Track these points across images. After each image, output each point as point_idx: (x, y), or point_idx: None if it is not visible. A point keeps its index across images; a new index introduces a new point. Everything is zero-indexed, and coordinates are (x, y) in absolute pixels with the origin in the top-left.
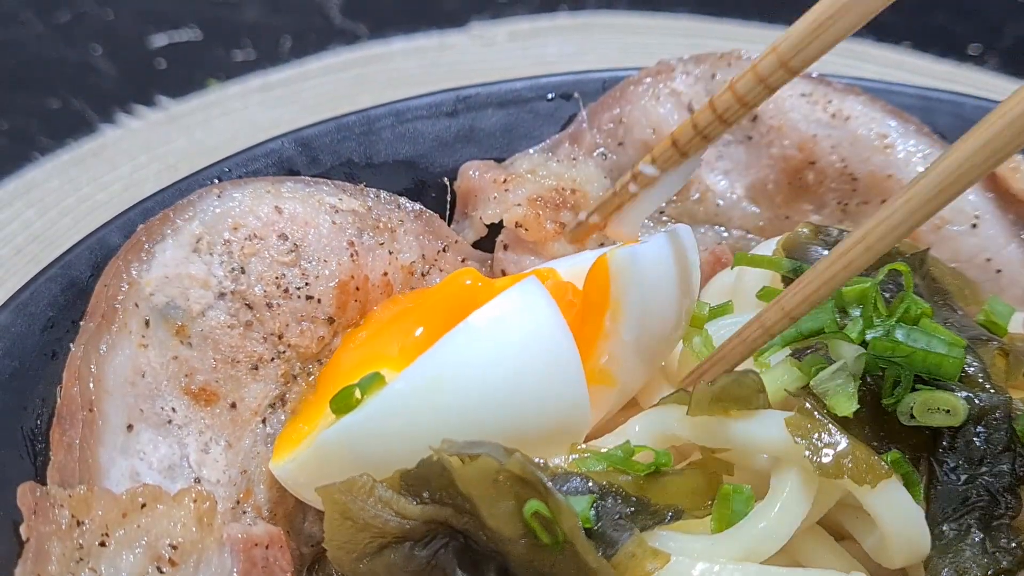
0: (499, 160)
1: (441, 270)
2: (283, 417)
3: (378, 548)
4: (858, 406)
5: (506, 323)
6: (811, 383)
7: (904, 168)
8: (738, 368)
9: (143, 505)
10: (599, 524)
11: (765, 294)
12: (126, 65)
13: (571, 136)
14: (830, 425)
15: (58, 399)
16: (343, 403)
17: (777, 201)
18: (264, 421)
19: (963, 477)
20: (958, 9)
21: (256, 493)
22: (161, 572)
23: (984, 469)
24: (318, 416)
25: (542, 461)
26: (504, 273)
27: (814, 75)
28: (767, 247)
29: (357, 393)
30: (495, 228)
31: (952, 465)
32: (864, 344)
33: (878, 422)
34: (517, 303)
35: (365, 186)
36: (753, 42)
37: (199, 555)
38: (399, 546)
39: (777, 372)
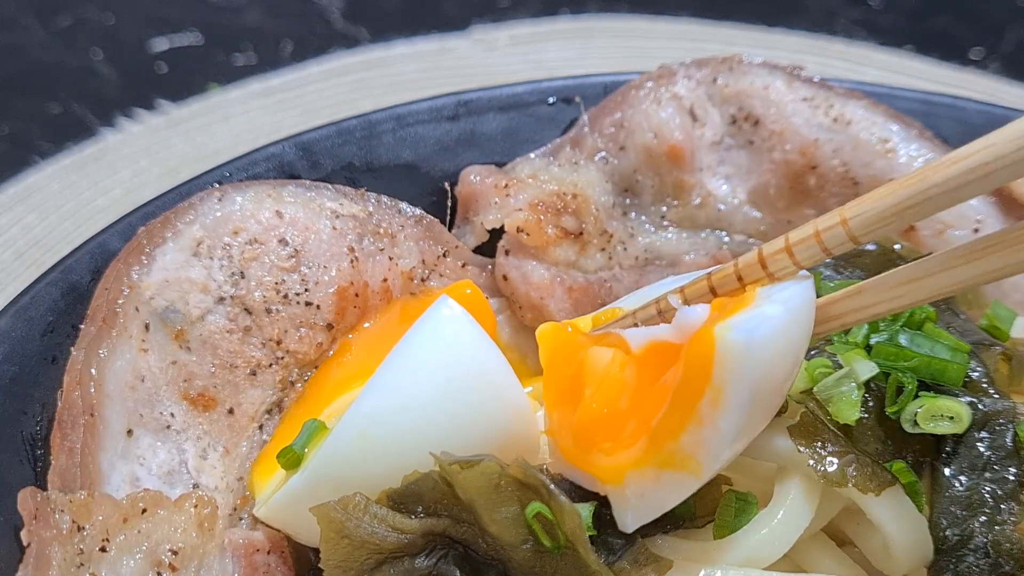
0: (500, 164)
1: (441, 275)
2: None
3: (376, 564)
4: (861, 413)
5: (425, 351)
6: (815, 389)
7: (906, 172)
8: None
9: (144, 510)
10: (601, 531)
11: None
12: (127, 69)
13: (572, 140)
14: (833, 433)
15: (58, 404)
16: (290, 459)
17: (779, 206)
18: (261, 427)
19: (966, 483)
20: (960, 13)
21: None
22: None
23: (988, 475)
24: (291, 438)
25: (546, 467)
26: (506, 278)
27: (816, 79)
28: None
29: (303, 449)
30: (496, 233)
31: (955, 471)
32: (868, 348)
33: (881, 428)
34: (432, 327)
35: (366, 191)
36: (754, 46)
37: (200, 560)
38: (397, 561)
39: None
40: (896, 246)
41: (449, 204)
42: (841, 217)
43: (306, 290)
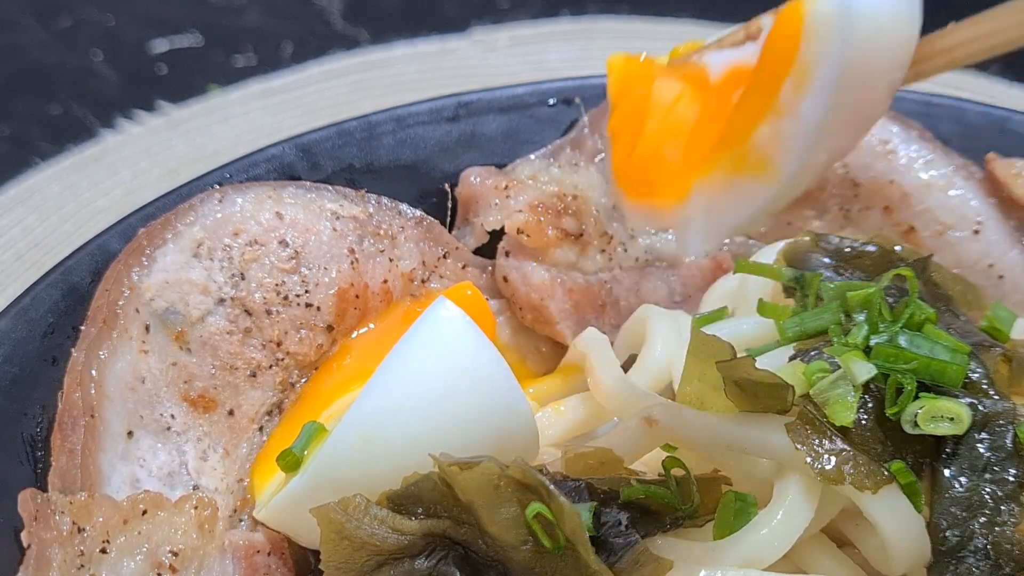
0: (500, 166)
1: (441, 277)
2: None
3: (376, 566)
4: (860, 414)
5: (423, 352)
6: (811, 392)
7: (906, 174)
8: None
9: (144, 512)
10: (601, 532)
11: (764, 309)
12: (127, 70)
13: (572, 142)
14: (830, 431)
15: (59, 405)
16: (290, 462)
17: None
18: (261, 429)
19: (966, 484)
20: (959, 14)
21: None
22: None
23: (988, 476)
24: (290, 440)
25: (548, 467)
26: (506, 280)
27: None
28: (769, 253)
29: (302, 451)
30: (496, 234)
31: (955, 472)
32: (868, 350)
33: (881, 429)
34: (430, 329)
35: (366, 192)
36: None
37: (200, 561)
38: (398, 563)
39: (783, 374)
40: (897, 247)
41: (449, 205)
42: None
43: (306, 291)
